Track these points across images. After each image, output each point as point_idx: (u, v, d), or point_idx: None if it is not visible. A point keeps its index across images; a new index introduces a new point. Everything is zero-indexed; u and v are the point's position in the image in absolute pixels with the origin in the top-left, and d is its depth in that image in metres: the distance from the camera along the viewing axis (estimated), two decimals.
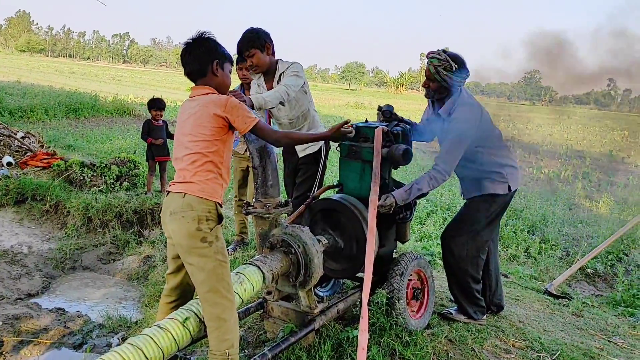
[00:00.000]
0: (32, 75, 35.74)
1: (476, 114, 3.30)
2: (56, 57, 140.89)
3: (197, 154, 2.41)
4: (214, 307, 2.40)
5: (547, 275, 5.48)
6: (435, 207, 7.48)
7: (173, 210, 2.40)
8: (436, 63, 3.25)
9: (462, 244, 3.48)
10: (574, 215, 7.85)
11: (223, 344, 2.40)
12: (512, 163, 3.51)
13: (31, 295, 4.84)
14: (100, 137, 11.58)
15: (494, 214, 3.50)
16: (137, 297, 4.96)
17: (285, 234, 2.89)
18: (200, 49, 2.54)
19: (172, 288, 2.67)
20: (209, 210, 2.39)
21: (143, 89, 32.89)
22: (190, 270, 2.44)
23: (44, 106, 14.48)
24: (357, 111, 31.19)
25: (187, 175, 2.41)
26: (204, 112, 2.42)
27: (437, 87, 3.33)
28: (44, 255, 5.75)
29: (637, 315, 4.42)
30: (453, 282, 3.63)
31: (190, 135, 2.44)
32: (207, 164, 2.41)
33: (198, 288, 2.44)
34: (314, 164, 3.90)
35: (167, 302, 2.70)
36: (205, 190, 2.39)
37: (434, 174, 3.21)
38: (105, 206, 6.29)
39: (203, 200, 2.38)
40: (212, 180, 2.42)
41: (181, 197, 2.38)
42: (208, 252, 2.37)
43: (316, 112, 3.97)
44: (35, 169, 7.25)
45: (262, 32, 3.61)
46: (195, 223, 2.35)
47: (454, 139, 3.25)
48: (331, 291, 3.88)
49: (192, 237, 2.35)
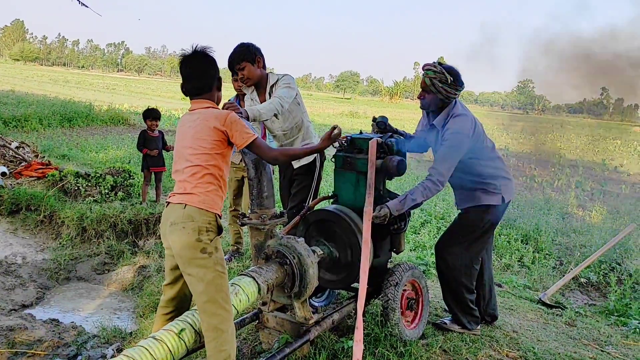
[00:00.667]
0: (26, 84, 35.71)
1: (469, 125, 3.34)
2: (50, 65, 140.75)
3: (198, 167, 2.44)
4: (212, 317, 2.42)
5: (540, 284, 5.51)
6: (430, 216, 7.52)
7: (174, 221, 2.42)
8: (432, 75, 3.29)
9: (456, 255, 3.51)
10: (567, 224, 7.90)
11: (220, 355, 2.42)
12: (505, 174, 3.54)
13: (25, 306, 4.82)
14: (94, 147, 11.58)
15: (488, 225, 3.53)
16: (132, 307, 4.95)
17: (281, 245, 2.91)
18: (205, 65, 2.57)
19: (169, 299, 2.68)
20: (209, 221, 2.42)
21: (138, 98, 32.91)
22: (189, 280, 2.46)
23: (38, 115, 14.49)
24: (351, 120, 31.31)
25: (187, 187, 2.44)
26: (204, 126, 2.46)
27: (432, 99, 3.37)
28: (38, 265, 5.73)
29: (629, 325, 4.45)
30: (447, 292, 3.65)
31: (190, 148, 2.47)
32: (208, 176, 2.44)
33: (197, 298, 2.45)
34: (309, 175, 3.93)
35: (164, 313, 2.70)
36: (205, 201, 2.42)
37: (427, 184, 3.24)
38: (99, 216, 6.29)
39: (203, 211, 2.41)
40: (213, 192, 2.45)
41: (182, 208, 2.41)
42: (207, 262, 2.40)
43: (310, 123, 4.00)
44: (30, 179, 7.25)
45: (253, 47, 3.69)
46: (195, 234, 2.38)
47: (447, 149, 3.28)
48: (326, 302, 3.89)
49: (192, 248, 2.38)
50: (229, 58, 3.68)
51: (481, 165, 3.45)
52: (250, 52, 3.65)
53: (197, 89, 2.57)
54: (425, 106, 3.46)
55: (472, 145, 3.34)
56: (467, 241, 3.50)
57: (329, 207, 3.39)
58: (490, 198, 3.47)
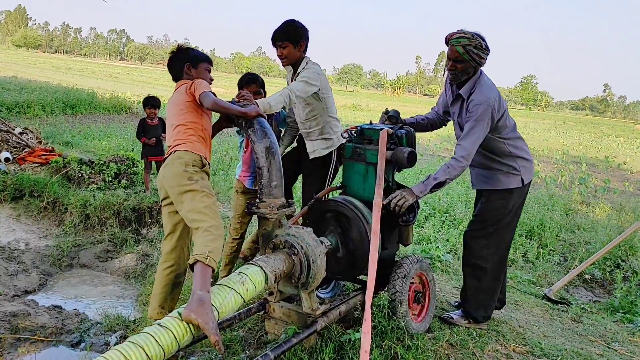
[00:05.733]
0: (29, 70, 35.62)
1: (494, 95, 3.21)
2: (53, 53, 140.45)
3: (179, 125, 2.85)
4: (202, 222, 2.60)
5: (545, 280, 5.49)
6: (434, 210, 7.48)
7: (165, 164, 2.82)
8: (465, 42, 3.13)
9: (485, 245, 3.46)
10: (571, 220, 7.86)
11: (205, 248, 2.52)
12: (525, 155, 3.45)
13: (28, 292, 4.80)
14: (97, 134, 11.54)
15: (514, 209, 3.47)
16: (135, 295, 4.94)
17: (289, 235, 2.88)
18: (176, 57, 3.09)
19: (168, 252, 2.93)
20: (194, 159, 2.77)
21: (140, 87, 32.82)
22: (183, 210, 2.70)
23: (41, 102, 14.44)
24: (354, 113, 31.22)
25: (174, 141, 2.83)
26: (179, 95, 2.92)
27: (464, 68, 3.22)
28: (41, 252, 5.72)
29: (635, 322, 4.42)
30: (471, 283, 3.58)
31: (173, 116, 2.90)
32: (189, 130, 2.84)
33: (189, 217, 2.67)
34: (324, 167, 3.89)
35: (164, 268, 2.94)
36: (189, 146, 2.79)
37: (451, 162, 3.15)
38: (103, 204, 6.27)
39: (189, 152, 2.77)
40: (196, 141, 2.83)
41: (172, 153, 2.79)
42: (195, 186, 2.69)
43: (334, 119, 3.92)
44: (33, 165, 7.22)
45: (301, 28, 3.67)
46: (182, 166, 2.72)
47: (472, 123, 3.16)
48: (332, 293, 3.87)
49: (180, 176, 2.70)
50: (274, 32, 3.67)
51: (502, 143, 3.36)
52: (296, 33, 3.64)
53: (173, 77, 3.12)
54: (458, 77, 3.29)
55: (496, 120, 3.24)
56: (496, 230, 3.45)
57: (337, 197, 3.35)
58: (509, 181, 3.40)
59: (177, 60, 3.07)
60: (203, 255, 2.49)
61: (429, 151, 15.72)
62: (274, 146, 2.87)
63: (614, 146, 26.20)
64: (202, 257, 2.49)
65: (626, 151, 23.82)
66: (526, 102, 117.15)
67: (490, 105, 3.16)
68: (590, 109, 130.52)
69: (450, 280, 4.84)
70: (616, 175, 14.46)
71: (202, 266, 2.48)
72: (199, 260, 2.48)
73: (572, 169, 14.48)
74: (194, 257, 2.50)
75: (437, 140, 19.21)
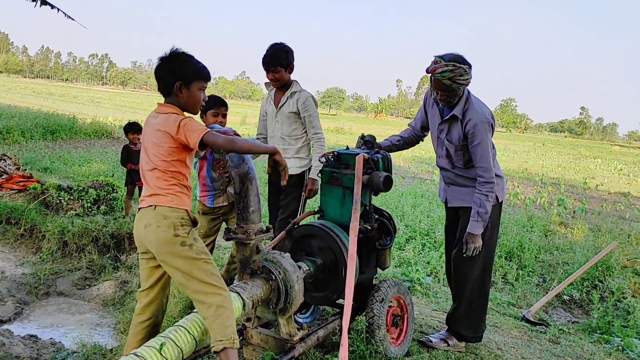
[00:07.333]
0: (9, 96, 35.31)
1: (487, 108, 3.41)
2: (34, 78, 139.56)
3: (160, 171, 2.48)
4: (212, 297, 2.43)
5: (524, 301, 5.53)
6: (414, 232, 7.52)
7: (147, 223, 2.46)
8: (449, 75, 3.21)
9: (473, 264, 3.50)
10: (550, 241, 7.95)
11: (227, 330, 2.40)
12: (498, 172, 3.50)
13: (3, 321, 4.71)
14: (77, 160, 11.45)
15: (491, 227, 3.51)
16: (113, 323, 4.86)
17: (266, 260, 2.89)
18: (166, 68, 2.55)
19: (145, 305, 2.66)
20: (181, 217, 2.47)
21: (122, 112, 32.72)
22: (176, 275, 2.47)
23: (20, 128, 14.33)
24: (337, 136, 31.40)
25: (153, 190, 2.49)
26: (162, 135, 2.46)
27: (453, 94, 3.34)
28: (17, 280, 5.62)
29: (612, 342, 4.47)
30: (462, 304, 3.60)
31: (152, 154, 2.50)
32: (171, 179, 2.49)
33: (190, 287, 2.46)
34: (298, 186, 3.95)
35: (140, 321, 2.67)
36: (173, 200, 2.47)
37: (481, 189, 3.31)
38: (81, 230, 6.20)
39: (173, 209, 2.46)
40: (178, 192, 2.49)
41: (152, 209, 2.46)
42: (190, 253, 2.44)
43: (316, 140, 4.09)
44: (11, 191, 7.14)
45: (290, 53, 3.96)
46: (171, 230, 2.42)
47: (479, 144, 3.30)
48: (311, 318, 3.86)
49: (171, 244, 2.42)
50: (265, 58, 3.92)
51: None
52: (288, 58, 3.94)
53: (161, 91, 2.59)
54: (451, 102, 3.40)
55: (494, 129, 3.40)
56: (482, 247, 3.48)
57: (314, 222, 3.38)
58: None
59: (169, 73, 2.54)
60: (230, 341, 2.40)
61: (411, 174, 15.84)
62: (251, 172, 2.89)
63: (592, 167, 26.64)
64: (229, 342, 2.40)
65: (604, 172, 24.24)
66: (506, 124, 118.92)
67: (487, 119, 3.32)
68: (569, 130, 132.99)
69: (430, 303, 4.85)
70: (594, 197, 14.69)
71: (231, 350, 2.42)
72: (227, 347, 2.40)
73: (551, 190, 14.68)
74: (220, 345, 2.39)
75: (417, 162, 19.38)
